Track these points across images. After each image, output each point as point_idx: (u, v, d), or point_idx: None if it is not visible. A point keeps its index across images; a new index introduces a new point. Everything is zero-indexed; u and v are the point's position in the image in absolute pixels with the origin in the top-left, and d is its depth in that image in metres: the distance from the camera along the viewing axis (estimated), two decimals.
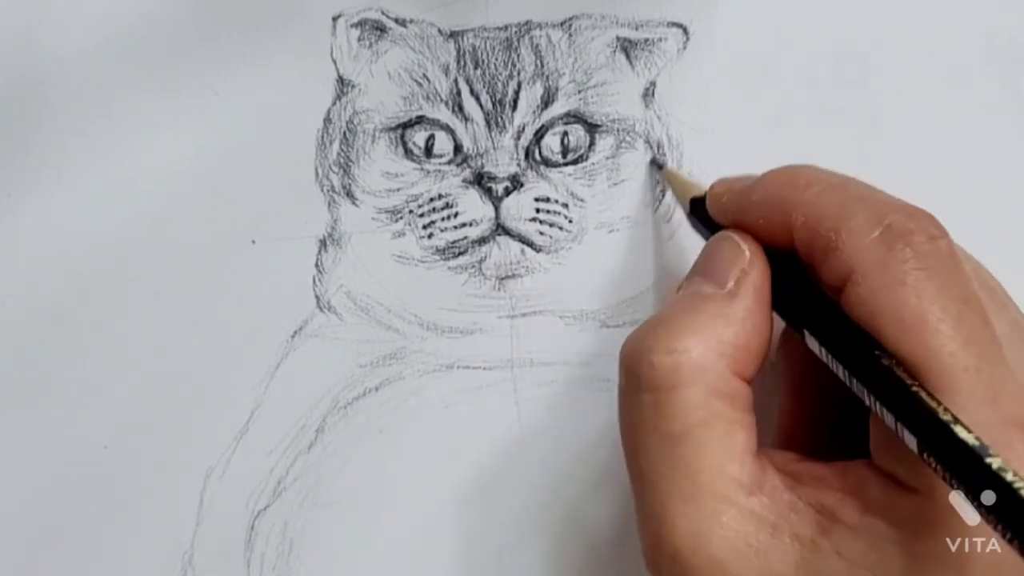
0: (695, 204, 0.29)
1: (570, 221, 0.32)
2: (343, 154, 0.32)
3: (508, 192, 0.32)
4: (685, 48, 0.33)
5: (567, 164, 0.32)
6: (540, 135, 0.32)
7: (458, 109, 0.32)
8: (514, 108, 0.32)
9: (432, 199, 0.32)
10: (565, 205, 0.32)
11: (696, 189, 0.29)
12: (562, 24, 0.32)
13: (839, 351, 0.23)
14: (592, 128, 0.32)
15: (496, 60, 0.32)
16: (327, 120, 0.33)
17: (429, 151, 0.32)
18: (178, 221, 0.33)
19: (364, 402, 0.32)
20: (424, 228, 0.32)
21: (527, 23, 0.32)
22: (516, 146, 0.32)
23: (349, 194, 0.32)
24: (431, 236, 0.32)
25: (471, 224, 0.32)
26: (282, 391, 0.32)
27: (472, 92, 0.32)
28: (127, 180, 0.33)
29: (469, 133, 0.32)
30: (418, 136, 0.32)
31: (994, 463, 0.19)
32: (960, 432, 0.20)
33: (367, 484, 0.32)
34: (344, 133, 0.33)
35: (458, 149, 0.32)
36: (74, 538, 0.32)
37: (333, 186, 0.33)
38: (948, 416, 0.20)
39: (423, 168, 0.32)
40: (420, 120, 0.32)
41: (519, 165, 0.32)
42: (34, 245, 0.33)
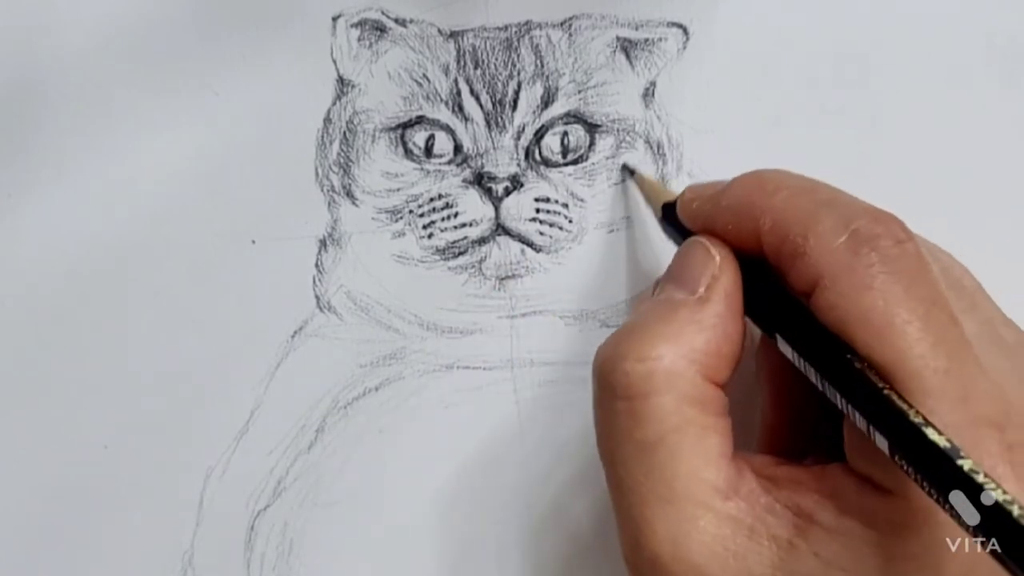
0: (667, 210, 0.29)
1: (570, 221, 0.32)
2: (343, 154, 0.33)
3: (508, 192, 0.32)
4: (685, 48, 0.33)
5: (567, 164, 0.32)
6: (540, 135, 0.32)
7: (458, 109, 0.32)
8: (514, 108, 0.32)
9: (432, 199, 0.32)
10: (565, 205, 0.32)
11: (667, 195, 0.29)
12: (562, 24, 0.32)
13: (810, 355, 0.23)
14: (592, 128, 0.32)
15: (496, 60, 0.32)
16: (327, 120, 0.33)
17: (429, 151, 0.32)
18: (178, 221, 0.33)
19: (364, 402, 0.32)
20: (424, 228, 0.32)
21: (527, 23, 0.32)
22: (516, 146, 0.32)
23: (349, 194, 0.32)
24: (431, 236, 0.32)
25: (471, 224, 0.32)
26: (282, 391, 0.32)
27: (472, 92, 0.32)
28: (127, 180, 0.33)
29: (469, 133, 0.32)
30: (418, 136, 0.32)
31: (965, 464, 0.19)
32: (931, 434, 0.20)
33: (367, 484, 0.32)
34: (344, 133, 0.33)
35: (458, 149, 0.32)
36: (74, 538, 0.32)
37: (333, 186, 0.33)
38: (919, 418, 0.21)
39: (423, 168, 0.32)
40: (420, 120, 0.32)
41: (519, 165, 0.32)
42: (34, 245, 0.33)
